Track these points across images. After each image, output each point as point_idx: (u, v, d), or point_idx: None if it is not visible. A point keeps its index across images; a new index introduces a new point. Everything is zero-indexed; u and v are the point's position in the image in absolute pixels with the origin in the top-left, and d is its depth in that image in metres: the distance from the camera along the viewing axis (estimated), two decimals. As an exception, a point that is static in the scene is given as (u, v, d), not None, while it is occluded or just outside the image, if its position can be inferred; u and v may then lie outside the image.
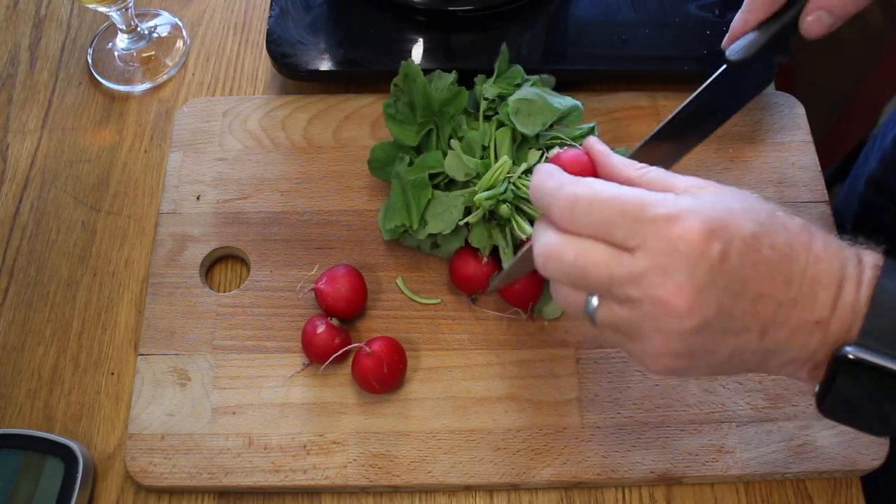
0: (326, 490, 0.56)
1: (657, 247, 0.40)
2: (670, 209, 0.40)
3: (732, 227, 0.40)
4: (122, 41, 0.74)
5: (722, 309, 0.40)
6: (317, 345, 0.57)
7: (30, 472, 0.54)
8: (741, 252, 0.39)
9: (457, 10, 0.71)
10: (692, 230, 0.39)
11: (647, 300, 0.40)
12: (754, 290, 0.40)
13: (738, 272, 0.39)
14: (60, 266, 0.64)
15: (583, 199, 0.41)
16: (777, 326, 0.40)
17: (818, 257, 0.41)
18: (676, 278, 0.39)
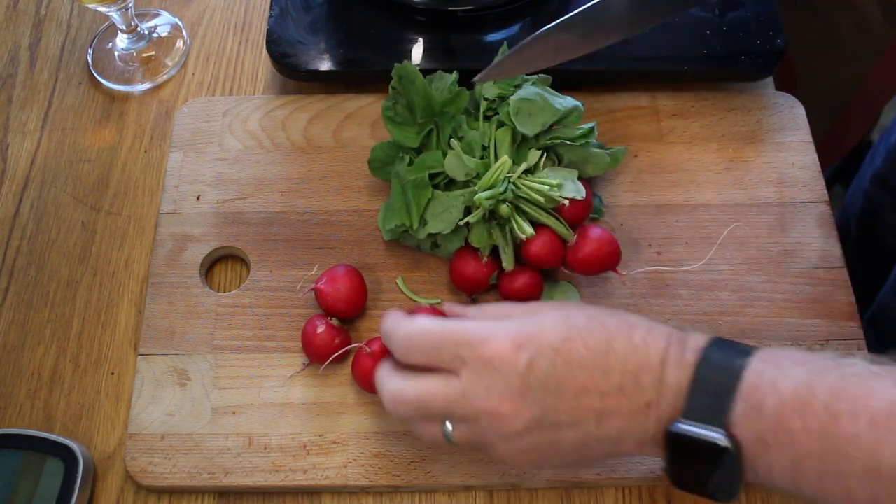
0: (326, 490, 0.56)
1: (476, 366, 0.46)
2: (483, 333, 0.46)
3: (539, 338, 0.45)
4: (122, 41, 0.74)
5: (546, 407, 0.45)
6: (317, 345, 0.57)
7: (30, 472, 0.54)
8: (550, 357, 0.45)
9: (457, 10, 0.71)
10: (501, 347, 0.45)
11: (480, 414, 0.46)
12: (573, 386, 0.45)
13: (550, 374, 0.45)
14: (60, 266, 0.64)
15: (415, 333, 0.48)
16: (610, 414, 0.45)
17: (637, 347, 0.45)
18: (496, 389, 0.45)
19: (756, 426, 0.42)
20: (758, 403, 0.42)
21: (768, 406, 0.41)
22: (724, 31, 0.70)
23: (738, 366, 0.43)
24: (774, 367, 0.43)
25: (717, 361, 0.44)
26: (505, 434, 0.46)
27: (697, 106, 0.69)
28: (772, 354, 0.44)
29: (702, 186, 0.65)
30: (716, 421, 0.43)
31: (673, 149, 0.67)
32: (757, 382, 0.42)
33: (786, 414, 0.41)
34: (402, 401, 0.48)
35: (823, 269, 0.62)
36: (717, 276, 0.62)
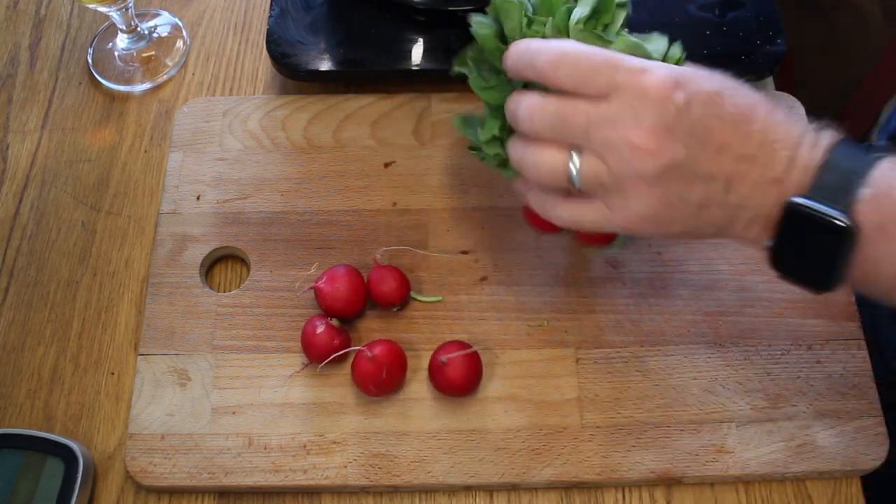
0: (326, 490, 0.56)
1: (630, 92, 0.44)
2: (644, 63, 0.45)
3: (697, 81, 0.44)
4: (122, 41, 0.74)
5: (688, 151, 0.43)
6: (316, 345, 0.57)
7: (30, 473, 0.54)
8: (704, 103, 0.44)
9: (457, 10, 0.71)
10: (661, 78, 0.43)
11: (621, 143, 0.44)
12: (717, 139, 0.44)
13: (701, 120, 0.43)
14: (60, 266, 0.64)
15: (570, 53, 0.45)
16: (740, 179, 0.44)
17: (777, 122, 0.44)
18: (646, 120, 0.43)
19: (880, 211, 0.42)
20: (887, 190, 0.42)
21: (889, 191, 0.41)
22: (724, 31, 0.70)
23: (872, 157, 0.43)
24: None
25: (850, 150, 0.43)
26: (640, 172, 0.44)
27: (697, 106, 0.69)
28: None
29: (702, 186, 0.65)
30: (840, 202, 0.42)
31: (673, 149, 0.67)
32: (889, 173, 0.42)
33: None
34: (542, 110, 0.46)
35: (823, 269, 0.62)
36: (717, 276, 0.62)
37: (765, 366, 0.59)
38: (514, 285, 0.62)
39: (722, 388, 0.58)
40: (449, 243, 0.63)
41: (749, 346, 0.59)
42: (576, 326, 0.60)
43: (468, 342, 0.59)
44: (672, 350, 0.59)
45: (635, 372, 0.58)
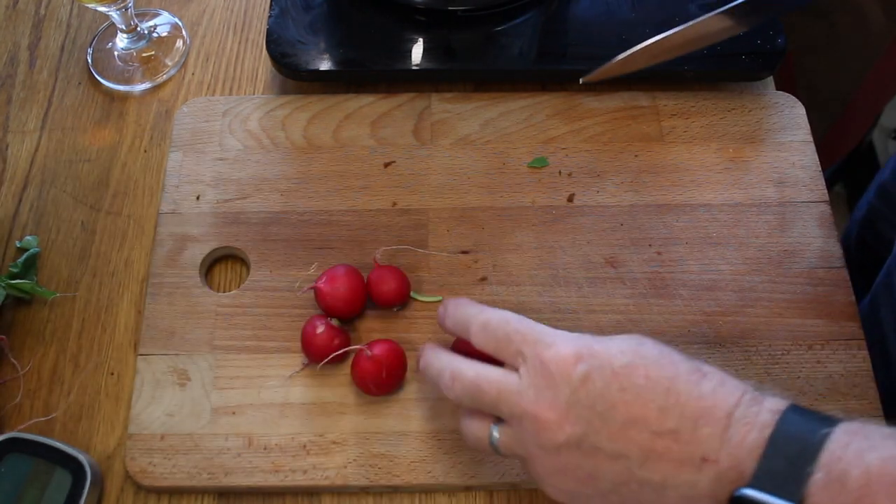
0: (326, 490, 0.56)
1: (534, 366, 0.45)
2: (550, 337, 0.46)
3: (602, 355, 0.44)
4: (122, 41, 0.74)
5: (591, 426, 0.43)
6: (316, 345, 0.57)
7: (38, 481, 0.54)
8: (607, 377, 0.43)
9: (457, 10, 0.71)
10: (561, 353, 0.45)
11: (525, 416, 0.45)
12: (623, 414, 0.43)
13: (603, 394, 0.43)
14: (60, 266, 0.64)
15: (494, 320, 0.49)
16: (657, 457, 0.42)
17: (703, 395, 0.43)
18: (546, 394, 0.44)
19: (835, 500, 0.38)
20: (840, 475, 0.38)
21: (852, 479, 0.38)
22: (725, 30, 0.70)
23: (821, 434, 0.40)
24: (862, 438, 0.40)
25: (796, 427, 0.41)
26: (543, 445, 0.45)
27: (697, 106, 0.69)
28: (859, 426, 0.40)
29: (702, 186, 0.65)
30: (788, 489, 0.39)
31: (673, 149, 0.67)
32: (840, 453, 0.39)
33: (871, 489, 0.37)
34: (461, 378, 0.48)
35: (824, 269, 0.62)
36: (717, 276, 0.62)
37: (765, 366, 0.59)
38: (514, 285, 0.62)
39: (722, 388, 0.58)
40: (449, 243, 0.63)
41: (749, 346, 0.59)
42: (576, 326, 0.60)
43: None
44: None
45: None
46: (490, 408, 0.47)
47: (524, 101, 0.70)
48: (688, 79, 0.70)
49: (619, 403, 0.43)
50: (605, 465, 0.44)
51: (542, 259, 0.63)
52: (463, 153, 0.67)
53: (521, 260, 0.63)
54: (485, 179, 0.66)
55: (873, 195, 0.86)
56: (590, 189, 0.66)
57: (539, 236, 0.63)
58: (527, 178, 0.66)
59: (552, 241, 0.63)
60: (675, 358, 0.45)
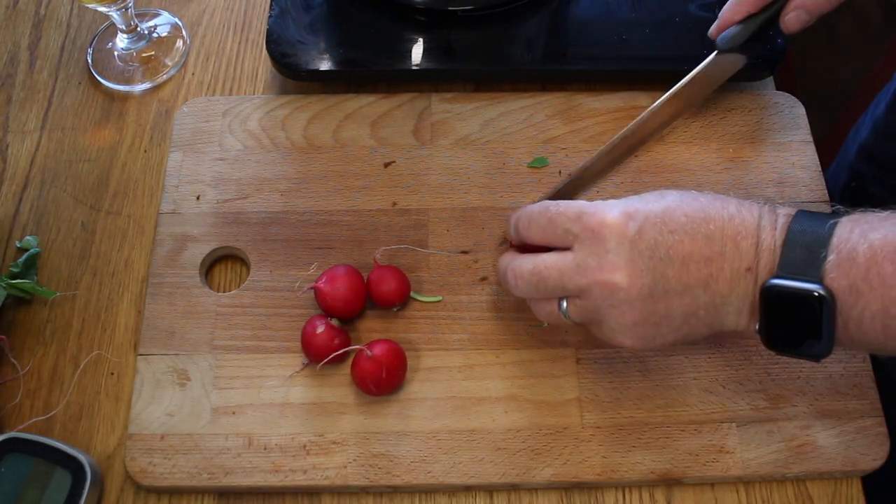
0: (326, 490, 0.56)
1: (586, 237, 0.48)
2: (592, 207, 0.49)
3: (644, 209, 0.48)
4: (122, 41, 0.74)
5: (656, 274, 0.47)
6: (316, 345, 0.57)
7: (38, 481, 0.54)
8: (656, 225, 0.47)
9: (457, 10, 0.71)
10: (609, 217, 0.48)
11: (592, 284, 0.48)
12: (679, 252, 0.47)
13: (658, 241, 0.47)
14: (60, 266, 0.64)
15: (535, 211, 0.52)
16: (714, 279, 0.47)
17: (732, 215, 0.48)
18: (608, 258, 0.47)
19: (849, 275, 0.44)
20: (849, 253, 0.44)
21: (860, 254, 0.44)
22: (725, 30, 0.70)
23: (829, 223, 0.46)
24: (864, 223, 0.45)
25: (807, 222, 0.46)
26: (617, 304, 0.48)
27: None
28: (859, 215, 0.46)
29: (702, 186, 0.65)
30: (810, 273, 0.45)
31: (673, 149, 0.67)
32: (847, 235, 0.45)
33: (877, 260, 0.43)
34: (520, 275, 0.51)
35: (823, 269, 0.62)
36: (718, 276, 0.62)
37: (765, 366, 0.59)
38: (514, 285, 0.62)
39: (722, 388, 0.58)
40: (449, 243, 0.63)
41: (749, 346, 0.59)
42: (576, 327, 0.60)
43: (468, 342, 0.59)
44: (672, 350, 0.59)
45: (635, 372, 0.58)
46: (556, 291, 0.50)
47: (524, 101, 0.70)
48: (688, 79, 0.69)
49: (674, 244, 0.47)
50: (675, 302, 0.48)
51: (542, 259, 0.62)
52: (463, 153, 0.67)
53: (521, 260, 0.62)
54: (485, 179, 0.66)
55: (854, 159, 0.86)
56: (590, 189, 0.66)
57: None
58: (527, 178, 0.66)
59: (552, 241, 0.63)
60: (693, 194, 0.49)
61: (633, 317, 0.48)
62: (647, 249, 0.47)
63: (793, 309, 0.45)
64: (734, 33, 0.61)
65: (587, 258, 0.48)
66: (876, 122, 0.82)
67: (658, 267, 0.47)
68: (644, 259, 0.47)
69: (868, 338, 0.45)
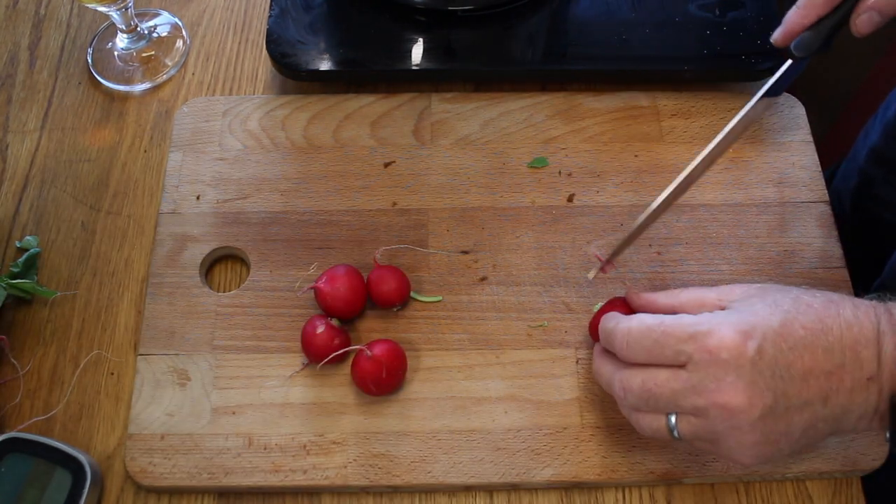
0: (326, 490, 0.56)
1: (702, 359, 0.46)
2: (705, 326, 0.46)
3: (761, 325, 0.46)
4: (122, 41, 0.74)
5: (777, 393, 0.45)
6: (316, 345, 0.57)
7: (38, 481, 0.54)
8: (775, 342, 0.45)
9: (457, 10, 0.71)
10: (727, 338, 0.45)
11: (711, 407, 0.46)
12: (800, 368, 0.45)
13: (778, 359, 0.45)
14: (60, 266, 0.64)
15: (635, 330, 0.49)
16: (835, 392, 0.45)
17: (850, 323, 0.46)
18: (727, 381, 0.45)
19: None
20: None
21: None
22: (724, 31, 0.70)
23: None
24: None
25: None
26: (737, 426, 0.46)
27: (697, 106, 0.69)
28: None
29: (702, 186, 0.65)
30: None
31: (673, 149, 0.67)
32: None
33: None
34: (629, 389, 0.49)
35: (823, 269, 0.62)
36: (718, 276, 0.62)
37: (765, 366, 0.59)
38: (513, 285, 0.62)
39: (722, 388, 0.58)
40: (449, 243, 0.63)
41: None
42: (576, 326, 0.60)
43: (468, 342, 0.59)
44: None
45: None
46: (667, 409, 0.48)
47: (524, 101, 0.70)
48: (688, 79, 0.70)
49: (794, 361, 0.45)
50: (795, 418, 0.46)
51: (541, 259, 0.63)
52: (463, 153, 0.67)
53: (521, 260, 0.63)
54: (485, 179, 0.66)
55: (864, 162, 0.85)
56: (590, 189, 0.66)
57: (539, 236, 0.63)
58: (527, 178, 0.66)
59: (552, 241, 0.63)
60: (806, 299, 0.47)
61: (753, 438, 0.46)
62: (768, 369, 0.45)
63: None
64: (808, 39, 0.56)
65: (704, 380, 0.46)
66: (887, 126, 0.82)
67: (779, 386, 0.45)
68: (765, 379, 0.45)
69: None
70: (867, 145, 0.85)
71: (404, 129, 0.68)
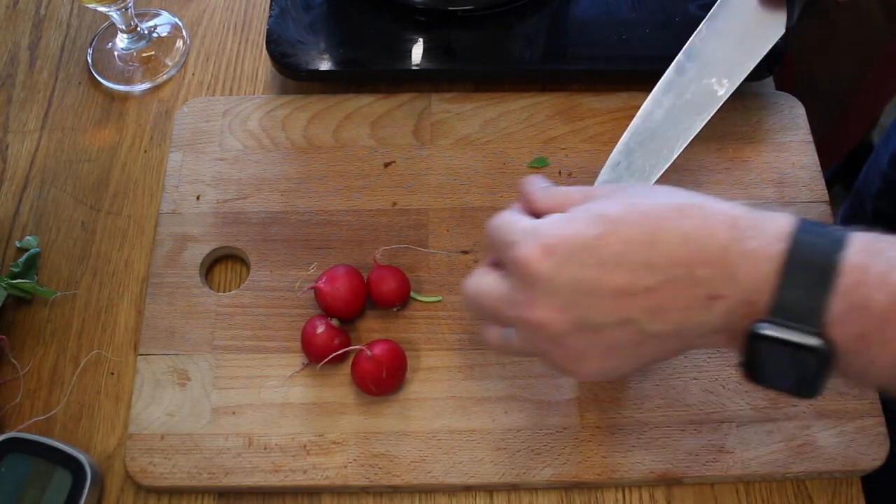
0: (326, 490, 0.56)
1: (513, 271, 0.45)
2: (519, 235, 0.44)
3: (571, 239, 0.43)
4: (122, 41, 0.74)
5: (583, 310, 0.43)
6: (316, 345, 0.57)
7: (38, 481, 0.54)
8: (580, 259, 0.42)
9: (457, 10, 0.71)
10: (529, 253, 0.43)
11: (521, 320, 0.45)
12: (609, 285, 0.42)
13: (580, 277, 0.42)
14: (60, 266, 0.64)
15: (491, 225, 0.48)
16: (665, 310, 0.42)
17: (686, 237, 0.41)
18: (530, 295, 0.44)
19: (859, 325, 0.38)
20: (862, 301, 0.38)
21: (876, 303, 0.37)
22: (725, 30, 0.70)
23: (834, 259, 0.38)
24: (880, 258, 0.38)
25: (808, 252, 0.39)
26: (552, 340, 0.44)
27: (697, 106, 0.69)
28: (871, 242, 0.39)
29: (702, 186, 0.65)
30: (808, 320, 0.38)
31: (673, 149, 0.67)
32: (861, 277, 0.38)
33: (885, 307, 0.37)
34: (465, 295, 0.48)
35: (823, 269, 0.62)
36: (718, 276, 0.62)
37: (765, 366, 0.59)
38: (514, 285, 0.62)
39: (722, 388, 0.58)
40: (449, 243, 0.63)
41: (749, 346, 0.59)
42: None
43: (468, 342, 0.59)
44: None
45: (635, 372, 0.58)
46: (493, 320, 0.48)
47: (524, 101, 0.70)
48: (688, 79, 0.69)
49: (601, 277, 0.42)
50: (615, 334, 0.43)
51: (542, 259, 0.62)
52: (463, 153, 0.67)
53: (521, 260, 0.62)
54: (485, 179, 0.66)
55: (886, 166, 0.85)
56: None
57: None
58: (527, 178, 0.66)
59: (552, 241, 0.63)
60: (645, 207, 0.43)
61: (569, 351, 0.44)
62: (567, 287, 0.42)
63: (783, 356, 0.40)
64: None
65: (515, 292, 0.45)
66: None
67: (584, 303, 0.43)
68: (566, 296, 0.43)
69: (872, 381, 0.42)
70: (889, 150, 0.85)
71: (404, 129, 0.68)
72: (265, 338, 0.60)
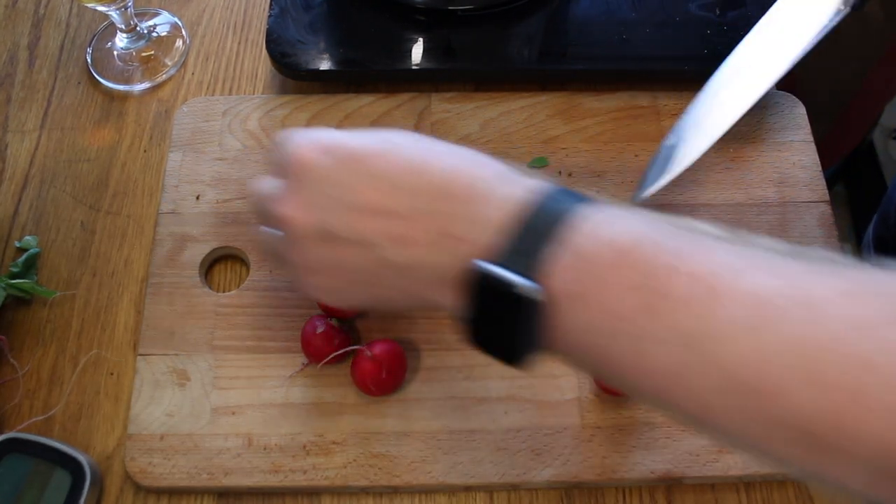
0: (326, 490, 0.56)
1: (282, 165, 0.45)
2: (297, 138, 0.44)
3: (350, 145, 0.43)
4: (122, 40, 0.74)
5: (325, 214, 0.42)
6: (316, 345, 0.57)
7: (37, 482, 0.54)
8: (352, 164, 0.42)
9: (457, 10, 0.71)
10: (303, 147, 0.43)
11: (274, 214, 0.44)
12: (366, 198, 0.41)
13: (346, 181, 0.42)
14: (60, 266, 0.64)
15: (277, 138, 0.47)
16: (409, 241, 0.41)
17: (443, 171, 0.41)
18: (290, 189, 0.44)
19: (574, 277, 0.36)
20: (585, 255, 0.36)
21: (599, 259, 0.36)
22: (725, 30, 0.70)
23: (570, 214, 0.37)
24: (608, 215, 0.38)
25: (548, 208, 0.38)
26: (294, 241, 0.44)
27: (698, 106, 0.69)
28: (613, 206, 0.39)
29: (702, 186, 0.65)
30: (526, 265, 0.37)
31: (673, 149, 0.67)
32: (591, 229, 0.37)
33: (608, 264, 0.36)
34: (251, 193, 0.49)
35: (824, 269, 0.62)
36: (718, 276, 0.62)
37: (765, 366, 0.59)
38: (514, 285, 0.61)
39: (722, 388, 0.58)
40: (449, 243, 0.63)
41: (749, 347, 0.59)
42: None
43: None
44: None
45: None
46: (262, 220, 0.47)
47: (524, 101, 0.69)
48: (688, 79, 0.69)
49: (355, 187, 0.42)
50: (349, 252, 0.42)
51: (542, 259, 0.62)
52: (463, 153, 0.67)
53: (522, 260, 0.62)
54: (485, 179, 0.66)
55: None
56: (590, 189, 0.65)
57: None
58: (527, 178, 0.66)
59: (552, 241, 0.63)
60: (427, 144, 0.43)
61: (308, 257, 0.43)
62: (331, 187, 0.42)
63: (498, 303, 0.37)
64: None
65: (277, 188, 0.44)
66: None
67: (336, 208, 0.42)
68: (324, 197, 0.42)
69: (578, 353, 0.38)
70: None
71: (404, 128, 0.68)
72: (265, 338, 0.60)
